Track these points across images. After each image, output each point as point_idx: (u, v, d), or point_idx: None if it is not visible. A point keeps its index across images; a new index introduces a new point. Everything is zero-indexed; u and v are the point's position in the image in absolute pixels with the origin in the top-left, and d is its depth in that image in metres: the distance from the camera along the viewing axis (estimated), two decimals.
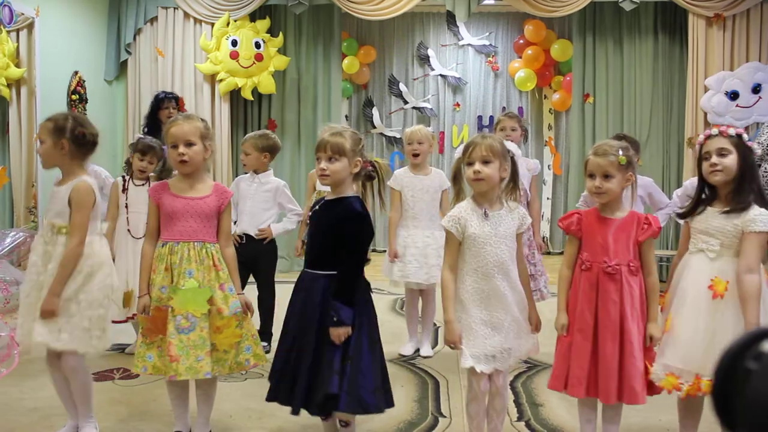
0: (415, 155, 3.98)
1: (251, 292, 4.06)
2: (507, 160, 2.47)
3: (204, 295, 2.59)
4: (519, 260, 2.55)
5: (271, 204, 4.11)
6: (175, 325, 2.56)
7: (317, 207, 2.61)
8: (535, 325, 2.58)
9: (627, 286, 2.44)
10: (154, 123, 4.99)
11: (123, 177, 4.01)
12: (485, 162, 2.42)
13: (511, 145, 2.74)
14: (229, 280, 2.69)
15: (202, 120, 2.76)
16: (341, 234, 2.49)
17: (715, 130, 2.47)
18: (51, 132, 2.68)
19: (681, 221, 2.63)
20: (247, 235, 4.02)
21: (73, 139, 2.68)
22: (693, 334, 2.40)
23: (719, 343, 2.28)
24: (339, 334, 2.44)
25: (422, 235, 3.93)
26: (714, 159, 2.43)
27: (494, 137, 2.52)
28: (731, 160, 2.42)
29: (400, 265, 3.93)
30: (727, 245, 2.42)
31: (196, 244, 2.64)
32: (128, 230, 3.91)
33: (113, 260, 3.91)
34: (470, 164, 2.45)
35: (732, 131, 2.45)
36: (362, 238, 2.53)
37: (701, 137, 2.53)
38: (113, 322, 3.69)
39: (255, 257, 4.01)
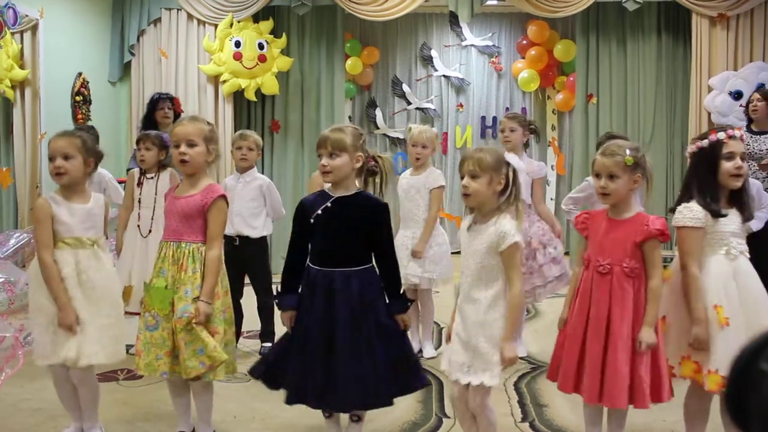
0: (417, 158, 3.97)
1: (249, 295, 4.08)
2: (501, 173, 2.38)
3: (168, 297, 2.61)
4: (509, 282, 2.36)
5: (260, 202, 4.03)
6: (144, 321, 2.65)
7: (328, 204, 2.52)
8: (502, 359, 2.34)
9: (618, 287, 2.40)
10: (150, 124, 5.03)
11: (140, 169, 4.03)
12: (473, 176, 2.37)
13: (511, 158, 2.68)
14: (188, 283, 2.62)
15: (209, 123, 2.78)
16: (370, 229, 2.52)
17: (737, 132, 2.44)
18: (81, 149, 2.71)
19: (694, 225, 2.48)
20: (239, 237, 3.95)
21: (97, 159, 2.81)
22: None
23: None
24: (407, 319, 2.59)
25: (401, 236, 3.92)
26: (739, 162, 2.43)
27: (489, 150, 2.43)
28: (746, 165, 2.47)
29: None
30: None
31: (172, 243, 2.67)
32: (138, 226, 3.91)
33: (119, 253, 3.94)
34: (462, 178, 2.43)
35: (745, 136, 2.49)
36: (391, 227, 2.62)
37: (722, 134, 2.46)
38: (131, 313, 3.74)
39: (248, 259, 3.98)
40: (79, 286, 2.68)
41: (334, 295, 2.49)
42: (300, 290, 2.59)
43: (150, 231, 3.86)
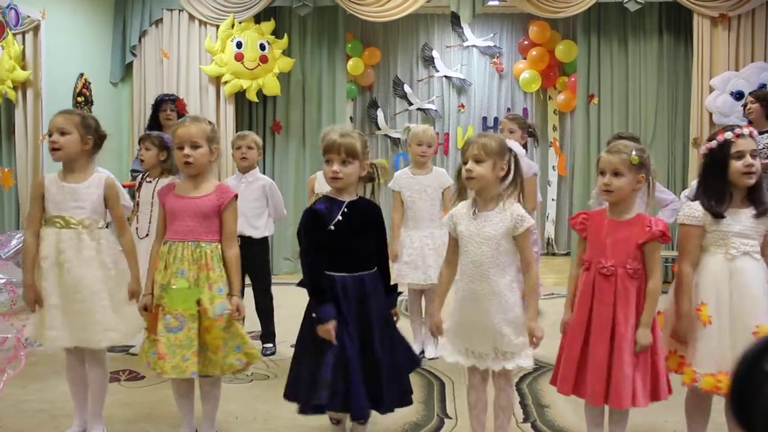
0: (423, 156, 3.99)
1: (247, 294, 4.07)
2: (504, 158, 2.45)
3: (193, 296, 2.60)
4: (524, 267, 2.49)
5: (263, 203, 4.04)
6: (164, 323, 2.60)
7: (346, 210, 2.51)
8: (531, 338, 2.46)
9: (622, 288, 2.40)
10: (155, 125, 5.13)
11: (142, 173, 4.04)
12: (477, 161, 2.42)
13: (513, 144, 2.72)
14: (219, 281, 2.65)
15: (210, 123, 2.78)
16: (375, 231, 2.61)
17: (746, 130, 2.45)
18: (78, 125, 2.72)
19: (690, 223, 2.53)
20: (242, 237, 3.95)
21: (98, 138, 2.79)
22: None
23: None
24: (397, 311, 2.70)
25: (419, 236, 3.92)
26: (750, 160, 2.42)
27: (493, 136, 2.51)
28: (759, 162, 2.45)
29: (395, 266, 3.92)
30: (760, 245, 2.47)
31: (190, 243, 2.65)
32: (136, 229, 3.91)
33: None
34: (465, 162, 2.46)
35: (756, 133, 2.47)
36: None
37: (729, 134, 2.46)
38: None
39: (250, 259, 3.97)
40: (56, 267, 2.68)
41: (367, 299, 2.52)
42: None
43: (147, 234, 3.86)
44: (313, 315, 2.48)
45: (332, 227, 2.49)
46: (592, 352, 2.43)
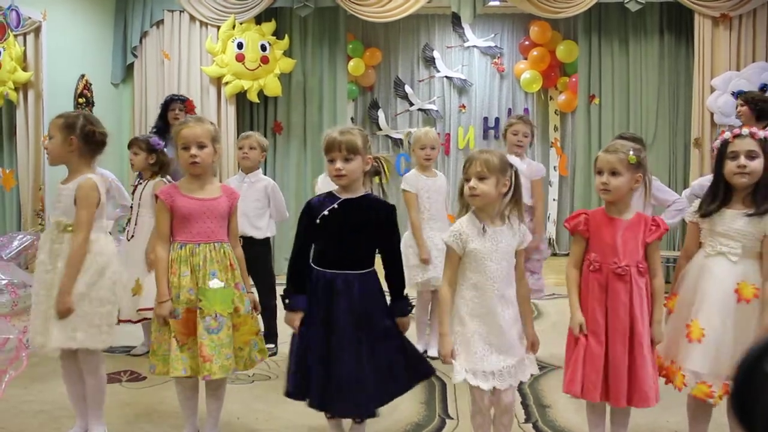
0: (428, 159, 4.01)
1: None
2: (506, 175, 2.43)
3: (230, 295, 2.67)
4: (520, 278, 2.52)
5: (264, 203, 4.06)
6: (204, 325, 2.60)
7: (335, 206, 2.51)
8: (531, 345, 2.50)
9: (636, 287, 2.43)
10: (162, 125, 5.16)
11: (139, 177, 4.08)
12: (481, 178, 2.40)
13: (513, 159, 2.72)
14: (241, 280, 2.75)
15: (212, 123, 2.82)
16: (381, 231, 2.57)
17: (745, 131, 2.45)
18: (61, 128, 2.72)
19: (688, 220, 2.63)
20: (243, 237, 3.94)
21: (83, 137, 2.73)
22: (722, 340, 2.38)
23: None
24: (406, 323, 2.65)
25: (440, 237, 3.93)
26: (743, 161, 2.42)
27: (494, 152, 2.47)
28: (758, 163, 2.42)
29: (422, 269, 3.92)
30: (749, 249, 2.44)
31: (215, 244, 2.70)
32: (126, 230, 3.95)
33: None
34: (468, 180, 2.43)
35: (762, 134, 2.43)
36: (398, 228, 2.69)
37: (728, 135, 2.49)
38: (125, 321, 3.72)
39: (252, 260, 3.97)
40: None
41: (336, 297, 2.49)
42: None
43: (132, 236, 3.87)
44: (284, 302, 2.57)
45: (318, 221, 2.51)
46: (612, 354, 2.42)
